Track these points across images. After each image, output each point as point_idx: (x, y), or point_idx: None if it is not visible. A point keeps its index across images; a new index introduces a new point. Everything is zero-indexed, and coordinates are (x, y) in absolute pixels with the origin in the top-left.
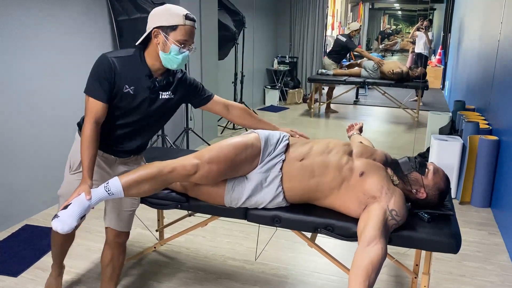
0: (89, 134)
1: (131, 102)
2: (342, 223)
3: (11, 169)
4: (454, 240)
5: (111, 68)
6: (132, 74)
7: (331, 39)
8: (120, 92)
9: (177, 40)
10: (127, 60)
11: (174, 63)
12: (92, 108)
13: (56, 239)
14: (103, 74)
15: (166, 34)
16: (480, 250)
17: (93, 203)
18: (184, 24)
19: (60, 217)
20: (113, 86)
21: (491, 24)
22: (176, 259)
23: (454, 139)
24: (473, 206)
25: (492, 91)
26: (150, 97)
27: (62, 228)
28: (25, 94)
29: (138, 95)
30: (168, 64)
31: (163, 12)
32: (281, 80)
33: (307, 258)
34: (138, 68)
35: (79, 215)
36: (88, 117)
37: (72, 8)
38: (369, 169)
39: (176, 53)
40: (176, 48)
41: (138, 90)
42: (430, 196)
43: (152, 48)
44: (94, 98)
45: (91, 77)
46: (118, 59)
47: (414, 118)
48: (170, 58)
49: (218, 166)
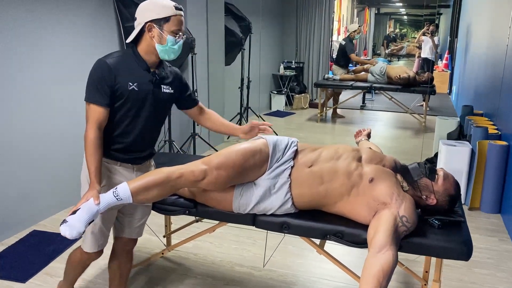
0: (93, 139)
1: (137, 98)
2: (351, 229)
3: (18, 175)
4: (465, 247)
5: (110, 70)
6: (131, 71)
7: (337, 44)
8: (125, 91)
9: (171, 30)
10: (123, 59)
11: (172, 53)
12: (94, 114)
13: (79, 263)
14: (102, 78)
15: (160, 26)
16: (491, 257)
17: (101, 208)
18: (175, 14)
19: (69, 222)
20: (114, 88)
21: (499, 29)
22: (183, 265)
23: (462, 144)
24: (483, 212)
25: (501, 96)
26: (153, 90)
27: (70, 233)
28: (33, 100)
29: (142, 91)
30: (166, 55)
31: (153, 6)
32: (287, 85)
33: (315, 265)
34: (136, 64)
35: (88, 220)
36: (90, 123)
37: (80, 14)
38: (379, 175)
39: (172, 43)
40: (172, 38)
41: (141, 85)
42: (441, 202)
43: (145, 43)
44: (94, 104)
45: (89, 84)
46: (115, 60)
47: (422, 123)
48: (167, 49)
49: (227, 172)
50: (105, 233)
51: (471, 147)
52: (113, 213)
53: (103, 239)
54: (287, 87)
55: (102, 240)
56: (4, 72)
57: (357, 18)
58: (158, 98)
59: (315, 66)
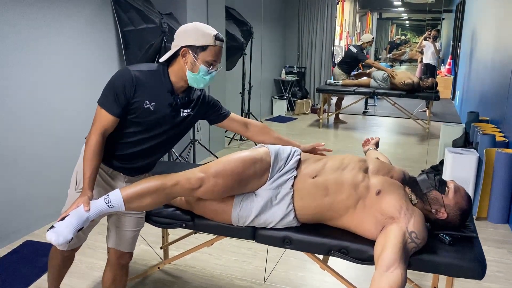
0: (95, 144)
1: (149, 118)
2: (357, 245)
3: (12, 183)
4: (479, 265)
5: (132, 82)
6: (153, 89)
7: (339, 49)
8: (140, 107)
9: (206, 60)
10: (149, 75)
11: (201, 83)
12: (102, 120)
13: (54, 260)
14: (122, 87)
15: (195, 53)
16: (501, 270)
17: (91, 215)
18: (214, 44)
19: (56, 229)
20: (131, 101)
21: (505, 34)
22: (181, 278)
23: (469, 152)
24: (490, 222)
25: (508, 102)
26: (171, 114)
27: (56, 239)
28: (28, 107)
29: (158, 112)
30: (195, 84)
31: (193, 31)
32: (289, 90)
33: (318, 278)
34: (161, 84)
35: (76, 228)
36: (96, 127)
37: (78, 19)
38: (387, 188)
39: (204, 73)
40: (205, 69)
41: (158, 106)
42: (451, 216)
43: (178, 66)
44: (106, 111)
45: (108, 88)
46: (141, 73)
47: (426, 129)
48: (198, 78)
49: (224, 181)
50: (80, 236)
51: (478, 155)
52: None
53: (76, 240)
54: (289, 92)
55: (76, 242)
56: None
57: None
58: (173, 122)
59: (317, 71)
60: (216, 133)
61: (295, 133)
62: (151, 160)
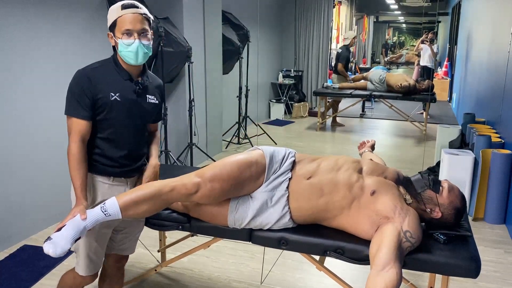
0: (78, 153)
1: (121, 109)
2: (352, 245)
3: (10, 187)
4: (473, 264)
5: (90, 81)
6: (113, 81)
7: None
8: (107, 102)
9: (122, 34)
10: (103, 69)
11: (130, 58)
12: (75, 128)
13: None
14: (81, 90)
15: (113, 33)
16: (497, 270)
17: (88, 224)
18: (121, 15)
19: (53, 240)
20: (96, 99)
21: (500, 36)
22: (179, 282)
23: (465, 153)
24: (487, 223)
25: (503, 103)
26: (138, 100)
27: (54, 251)
28: (26, 112)
29: (126, 101)
30: (131, 61)
31: (108, 15)
32: (286, 94)
33: (315, 279)
34: (117, 74)
35: (74, 237)
36: (73, 136)
37: (75, 24)
38: (381, 188)
39: (125, 47)
40: (121, 43)
41: (124, 95)
42: (446, 215)
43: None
44: (76, 117)
45: (68, 96)
46: (94, 70)
47: (422, 131)
48: (124, 55)
49: (221, 185)
50: (100, 254)
51: (474, 156)
52: (107, 232)
53: (99, 260)
54: (286, 95)
55: (98, 262)
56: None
57: (356, 26)
58: (143, 108)
59: (314, 75)
60: (214, 137)
61: (293, 136)
62: (139, 153)
